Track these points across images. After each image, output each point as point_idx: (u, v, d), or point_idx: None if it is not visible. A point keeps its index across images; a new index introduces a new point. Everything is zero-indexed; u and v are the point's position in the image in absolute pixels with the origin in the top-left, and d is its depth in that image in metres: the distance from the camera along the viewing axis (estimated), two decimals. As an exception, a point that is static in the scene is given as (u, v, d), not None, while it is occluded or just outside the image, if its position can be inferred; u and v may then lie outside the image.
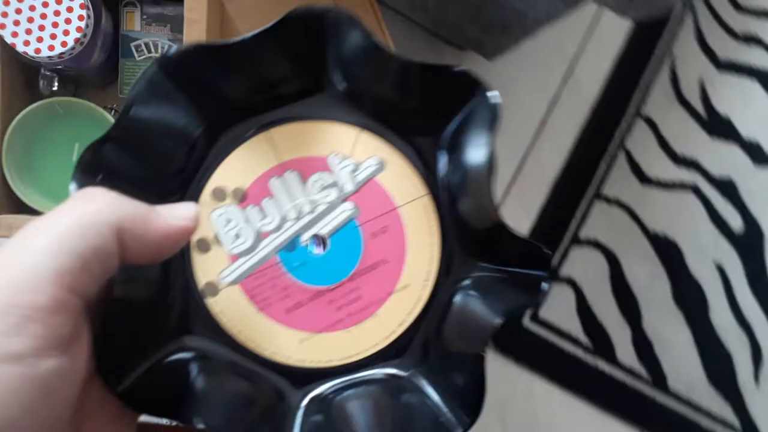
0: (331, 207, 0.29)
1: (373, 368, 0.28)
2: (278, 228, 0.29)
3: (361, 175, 0.29)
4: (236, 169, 0.29)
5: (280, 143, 0.29)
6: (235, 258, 0.29)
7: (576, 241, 1.43)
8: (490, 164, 0.26)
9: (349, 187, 0.29)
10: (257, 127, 0.29)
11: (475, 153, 0.27)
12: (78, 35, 0.68)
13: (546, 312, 1.44)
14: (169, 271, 0.26)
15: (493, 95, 0.26)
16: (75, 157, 0.73)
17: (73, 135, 0.72)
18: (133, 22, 0.76)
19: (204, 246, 0.28)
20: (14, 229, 0.68)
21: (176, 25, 0.72)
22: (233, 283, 0.28)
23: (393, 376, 0.28)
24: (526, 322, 1.42)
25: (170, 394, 0.24)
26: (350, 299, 0.29)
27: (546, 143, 1.45)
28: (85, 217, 0.21)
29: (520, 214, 1.46)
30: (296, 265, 0.29)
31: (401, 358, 0.28)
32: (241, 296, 0.28)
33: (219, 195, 0.28)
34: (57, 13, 0.64)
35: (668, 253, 1.44)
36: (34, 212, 0.69)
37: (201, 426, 0.23)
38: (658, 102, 1.47)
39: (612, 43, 1.47)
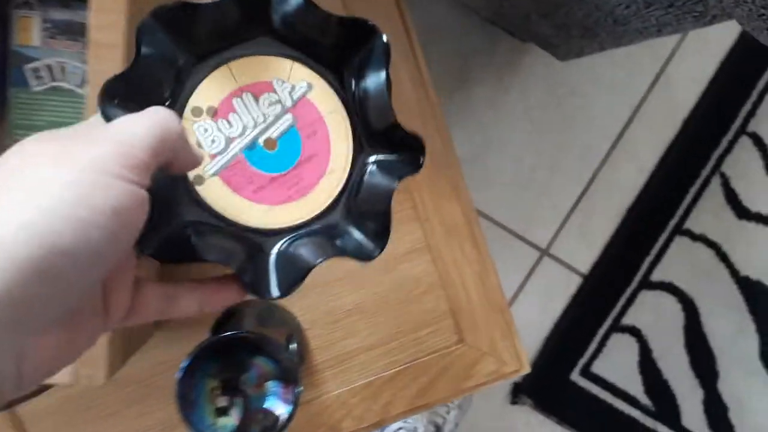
0: (277, 117, 0.39)
1: (315, 224, 0.40)
2: (242, 134, 0.39)
3: (296, 94, 0.40)
4: (208, 92, 0.39)
5: (238, 72, 0.39)
6: (213, 156, 0.38)
7: (646, 283, 1.13)
8: (388, 84, 0.38)
9: (288, 103, 0.39)
10: (221, 61, 0.39)
11: (376, 76, 0.38)
12: None
13: (600, 365, 1.16)
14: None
15: (386, 36, 0.37)
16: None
17: None
18: (30, 32, 0.49)
19: None
20: None
21: (92, 40, 0.44)
22: (214, 174, 0.38)
23: (327, 226, 0.40)
24: (575, 376, 1.14)
25: (181, 250, 0.35)
26: (295, 181, 0.40)
27: (623, 160, 1.13)
28: (163, 119, 0.29)
29: (579, 246, 1.16)
30: (256, 159, 0.39)
31: (332, 215, 0.40)
32: (220, 183, 0.38)
33: (197, 112, 0.38)
34: None
35: (761, 304, 1.13)
36: None
37: (210, 258, 0.35)
38: (774, 119, 1.13)
39: (720, 38, 1.11)
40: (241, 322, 0.54)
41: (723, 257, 1.13)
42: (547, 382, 1.14)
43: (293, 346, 0.54)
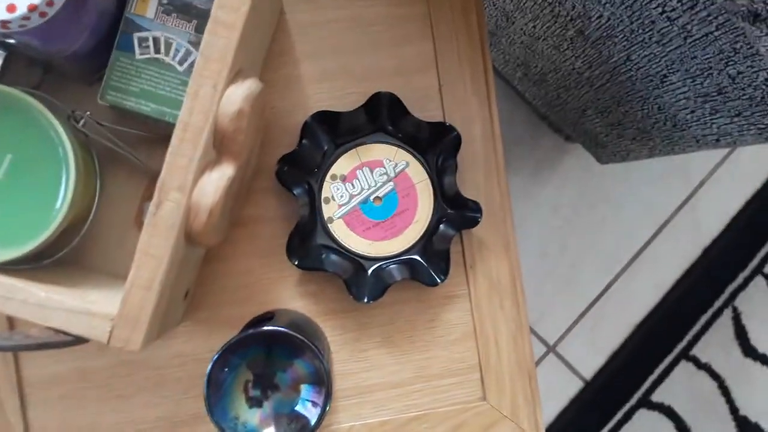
0: (384, 183, 0.58)
1: (401, 257, 0.58)
2: (359, 193, 0.58)
3: (398, 169, 0.58)
4: (341, 165, 0.58)
5: (361, 154, 0.58)
6: (340, 206, 0.57)
7: (646, 402, 1.11)
8: (455, 166, 0.57)
9: (392, 174, 0.58)
10: (351, 147, 0.59)
11: (449, 159, 0.58)
12: (37, 0, 0.42)
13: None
14: (315, 210, 0.57)
15: (457, 132, 0.57)
16: (1, 174, 0.46)
17: (6, 141, 0.46)
18: (147, 4, 0.50)
19: (327, 201, 0.58)
20: None
21: (204, 23, 0.45)
22: (339, 217, 0.57)
23: (410, 259, 0.58)
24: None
25: (315, 262, 0.56)
26: (391, 226, 0.58)
27: (641, 274, 1.14)
28: None
29: (586, 350, 1.14)
30: (367, 210, 0.58)
31: (412, 251, 0.58)
32: (343, 224, 0.57)
33: (333, 177, 0.58)
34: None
35: (757, 447, 1.10)
36: None
37: (330, 270, 0.55)
38: (793, 264, 1.14)
39: (749, 177, 1.15)
40: (277, 325, 0.53)
41: (725, 392, 1.12)
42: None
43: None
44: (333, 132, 0.57)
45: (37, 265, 0.50)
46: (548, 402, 1.13)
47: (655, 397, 1.12)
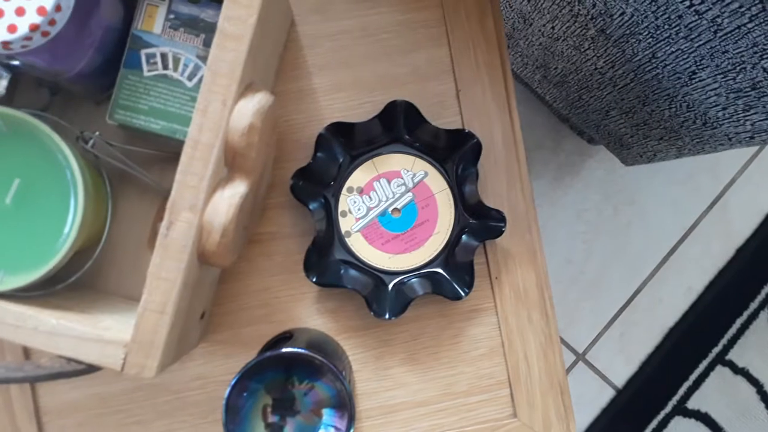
0: (402, 194, 0.55)
1: (423, 270, 0.55)
2: (377, 205, 0.55)
3: (416, 179, 0.56)
4: (358, 178, 0.55)
5: (378, 165, 0.56)
6: (357, 219, 0.55)
7: (681, 410, 1.06)
8: (476, 174, 0.54)
9: (410, 185, 0.55)
10: (367, 158, 0.56)
11: (470, 167, 0.54)
12: (38, 20, 0.41)
13: (624, 490, 1.07)
14: (332, 224, 0.55)
15: (477, 139, 0.53)
16: (9, 199, 0.45)
17: (14, 164, 0.45)
18: (154, 20, 0.49)
19: (344, 214, 0.55)
20: None
21: (212, 37, 0.44)
22: (357, 231, 0.55)
23: (431, 272, 0.55)
24: (596, 496, 1.06)
25: (334, 278, 0.53)
26: (411, 238, 0.55)
27: (671, 277, 1.10)
28: None
29: (617, 358, 1.11)
30: (385, 222, 0.55)
31: (434, 264, 0.55)
32: (361, 237, 0.55)
33: (350, 190, 0.55)
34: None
35: (799, 454, 1.05)
36: None
37: (349, 286, 0.52)
38: (831, 262, 1.10)
39: (782, 173, 1.11)
40: (295, 346, 0.51)
41: (764, 397, 1.07)
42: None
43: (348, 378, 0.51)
44: (348, 144, 0.55)
45: (50, 290, 0.49)
46: (579, 412, 1.09)
47: (691, 404, 1.09)
